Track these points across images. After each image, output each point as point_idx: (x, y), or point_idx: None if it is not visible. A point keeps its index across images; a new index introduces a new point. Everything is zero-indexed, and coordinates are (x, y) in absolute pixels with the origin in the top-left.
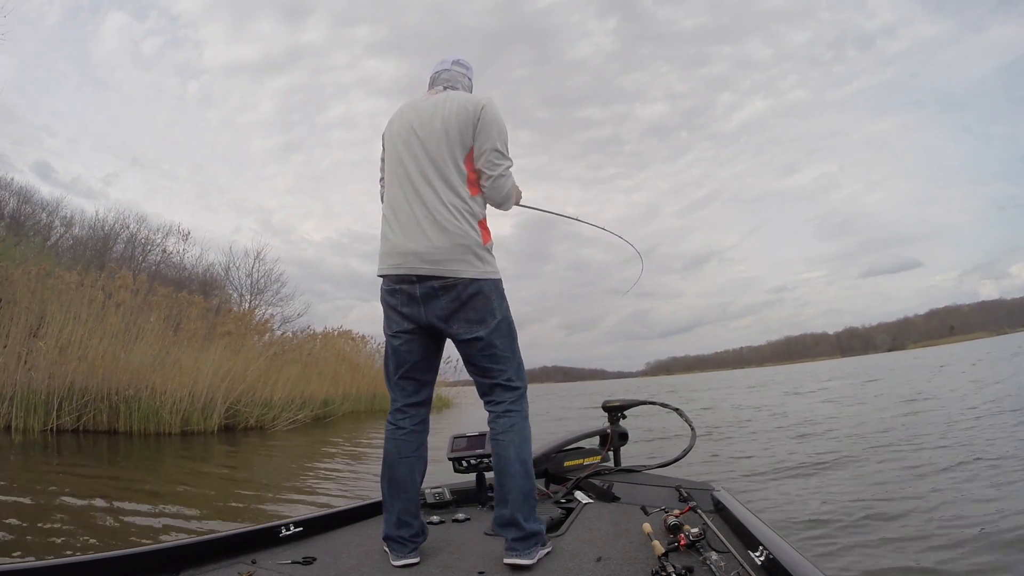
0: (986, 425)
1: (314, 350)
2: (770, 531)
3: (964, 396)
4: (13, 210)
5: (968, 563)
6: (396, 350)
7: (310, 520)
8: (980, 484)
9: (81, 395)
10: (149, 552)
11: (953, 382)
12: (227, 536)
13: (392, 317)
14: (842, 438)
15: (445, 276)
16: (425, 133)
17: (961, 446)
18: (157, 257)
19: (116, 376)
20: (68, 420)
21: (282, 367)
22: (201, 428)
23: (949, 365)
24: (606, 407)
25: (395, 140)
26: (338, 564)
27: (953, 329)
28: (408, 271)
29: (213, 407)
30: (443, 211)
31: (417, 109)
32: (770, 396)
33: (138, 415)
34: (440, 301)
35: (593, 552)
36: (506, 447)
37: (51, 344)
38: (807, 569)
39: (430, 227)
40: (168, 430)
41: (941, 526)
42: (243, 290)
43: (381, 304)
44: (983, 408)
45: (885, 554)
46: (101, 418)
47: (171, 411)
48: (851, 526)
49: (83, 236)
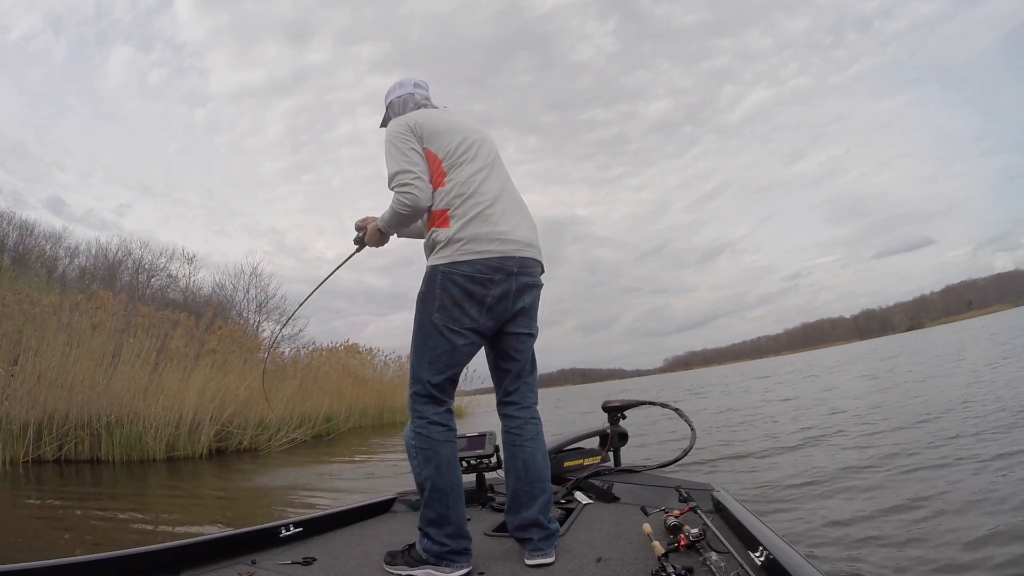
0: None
1: (313, 364)
2: (770, 531)
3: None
4: (15, 243)
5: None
6: (458, 349)
7: (310, 520)
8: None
9: (62, 423)
10: (149, 552)
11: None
12: (227, 536)
13: (468, 310)
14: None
15: (540, 269)
16: (485, 138)
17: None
18: (163, 282)
19: (96, 402)
20: (49, 450)
21: (277, 384)
22: (188, 453)
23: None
24: (606, 407)
25: (465, 132)
26: (338, 564)
27: (971, 304)
28: (525, 255)
29: (200, 430)
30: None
31: (456, 116)
32: (847, 386)
33: (120, 442)
34: (532, 293)
35: (593, 552)
36: (534, 453)
37: (29, 371)
38: (807, 569)
39: (529, 219)
40: (152, 456)
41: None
42: (244, 309)
43: (450, 294)
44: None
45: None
46: (83, 447)
47: (155, 437)
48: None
49: (89, 266)
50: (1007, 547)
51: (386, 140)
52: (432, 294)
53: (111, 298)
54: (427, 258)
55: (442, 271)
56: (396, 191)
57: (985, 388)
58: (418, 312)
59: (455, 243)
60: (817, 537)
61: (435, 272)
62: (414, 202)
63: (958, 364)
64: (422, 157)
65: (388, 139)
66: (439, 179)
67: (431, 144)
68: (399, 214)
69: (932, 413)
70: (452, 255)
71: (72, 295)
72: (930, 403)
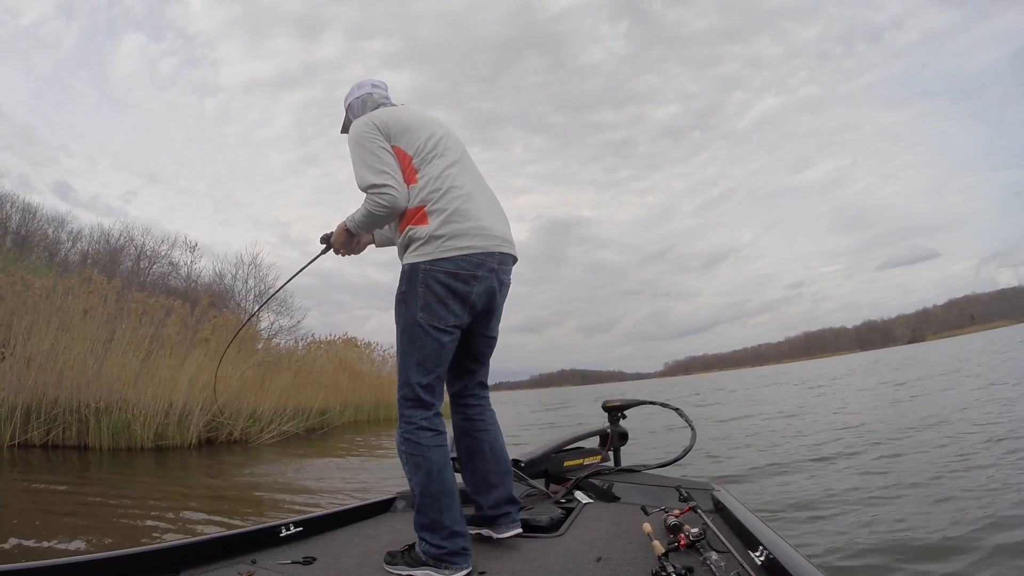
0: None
1: (308, 357)
2: (770, 531)
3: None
4: (18, 226)
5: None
6: (444, 347)
7: (310, 520)
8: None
9: (50, 408)
10: (149, 552)
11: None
12: (227, 536)
13: (452, 307)
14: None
15: (513, 264)
16: (449, 131)
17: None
18: (164, 269)
19: (86, 387)
20: (36, 435)
21: (272, 376)
22: (177, 442)
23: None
24: (606, 407)
25: (432, 127)
26: (338, 564)
27: (973, 319)
28: (504, 251)
29: (190, 420)
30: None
31: (419, 111)
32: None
33: (107, 429)
34: (504, 292)
35: (593, 552)
36: (497, 436)
37: (19, 354)
38: (807, 569)
39: (503, 213)
40: (140, 445)
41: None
42: (243, 299)
43: (433, 292)
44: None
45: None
46: (71, 432)
47: (143, 424)
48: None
49: (92, 251)
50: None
51: (352, 140)
52: (414, 293)
53: (104, 282)
54: (401, 256)
55: (423, 269)
56: (372, 194)
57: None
58: (400, 314)
59: (435, 240)
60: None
61: (415, 270)
62: (392, 203)
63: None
64: (393, 156)
65: (355, 139)
66: (411, 176)
67: (399, 141)
68: (374, 215)
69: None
70: (433, 252)
71: (65, 279)
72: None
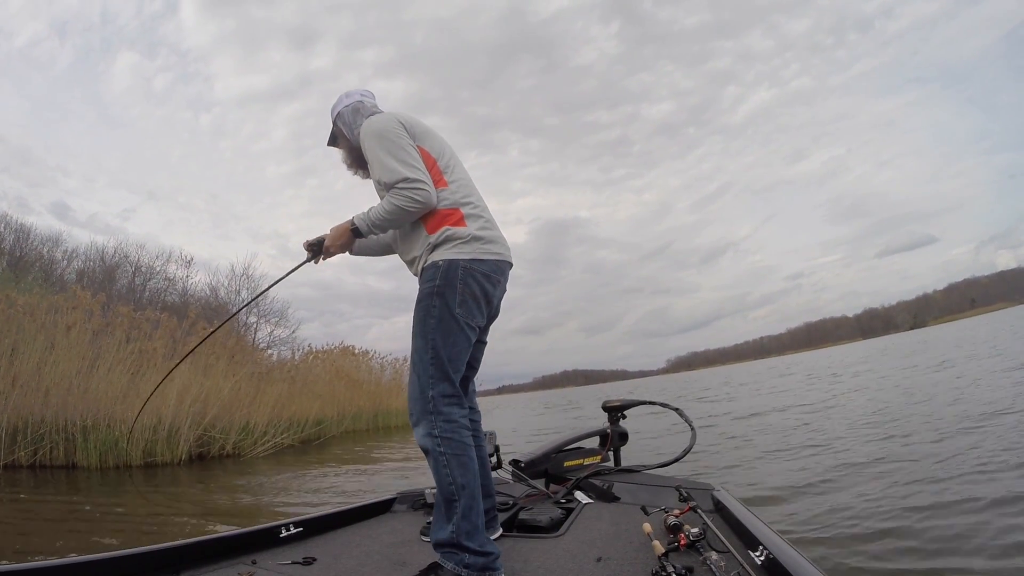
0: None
1: (303, 367)
2: (770, 531)
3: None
4: (12, 246)
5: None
6: (471, 346)
7: (310, 520)
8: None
9: (37, 427)
10: (149, 552)
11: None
12: (227, 536)
13: (481, 308)
14: None
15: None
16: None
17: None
18: (160, 285)
19: (72, 406)
20: (23, 455)
21: (265, 387)
22: (167, 459)
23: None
24: (606, 407)
25: (442, 140)
26: (338, 564)
27: (974, 302)
28: (511, 260)
29: (179, 435)
30: None
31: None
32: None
33: (94, 447)
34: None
35: (593, 552)
36: (482, 448)
37: (4, 374)
38: (807, 569)
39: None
40: (128, 462)
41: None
42: (237, 310)
43: (471, 290)
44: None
45: None
46: (58, 451)
47: (130, 441)
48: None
49: (87, 269)
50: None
51: (375, 134)
52: (452, 287)
53: (88, 297)
54: (428, 255)
55: (463, 265)
56: (404, 188)
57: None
58: (435, 307)
59: (476, 241)
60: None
61: (454, 266)
62: (427, 199)
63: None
64: (419, 154)
65: (379, 133)
66: (438, 178)
67: (423, 142)
68: (404, 211)
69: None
70: (474, 252)
71: (50, 296)
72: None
